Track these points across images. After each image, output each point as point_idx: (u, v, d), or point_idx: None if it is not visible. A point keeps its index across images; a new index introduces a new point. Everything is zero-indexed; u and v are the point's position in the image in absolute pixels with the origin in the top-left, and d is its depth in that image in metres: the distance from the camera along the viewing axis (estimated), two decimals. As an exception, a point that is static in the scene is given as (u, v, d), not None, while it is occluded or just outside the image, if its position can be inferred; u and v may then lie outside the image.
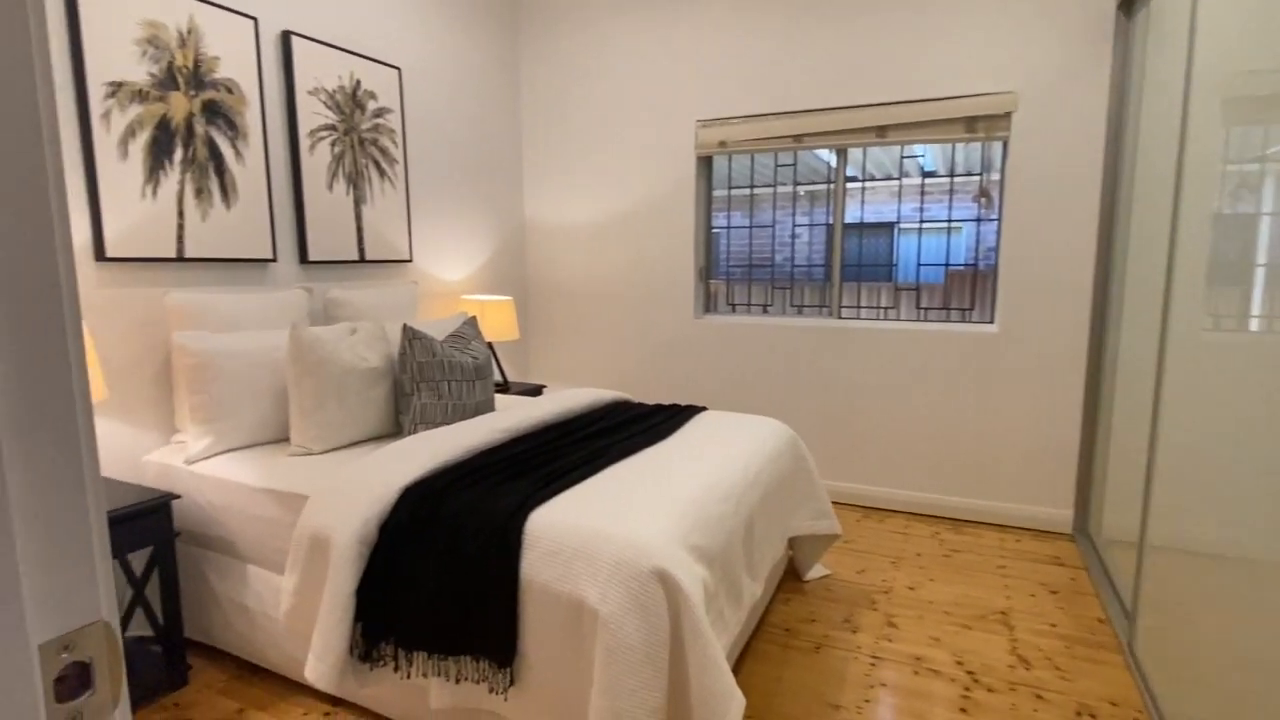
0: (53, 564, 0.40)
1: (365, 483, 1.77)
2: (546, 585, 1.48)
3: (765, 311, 3.85)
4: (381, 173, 3.13)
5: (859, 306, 3.64)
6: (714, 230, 3.94)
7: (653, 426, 2.39)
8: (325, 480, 1.95)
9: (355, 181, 3.00)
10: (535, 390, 3.68)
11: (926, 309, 3.51)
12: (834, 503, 3.59)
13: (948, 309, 3.49)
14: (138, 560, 2.13)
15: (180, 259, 2.36)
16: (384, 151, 3.14)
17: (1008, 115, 3.08)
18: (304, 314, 2.64)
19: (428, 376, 2.35)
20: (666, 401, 3.93)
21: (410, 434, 2.33)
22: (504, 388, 3.53)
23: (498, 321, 3.52)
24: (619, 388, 4.04)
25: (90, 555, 0.42)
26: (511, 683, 1.52)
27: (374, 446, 2.33)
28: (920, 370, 3.34)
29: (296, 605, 1.77)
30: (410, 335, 2.36)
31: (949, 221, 3.58)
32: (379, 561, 1.66)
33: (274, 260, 2.67)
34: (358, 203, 3.03)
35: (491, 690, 1.54)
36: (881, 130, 3.32)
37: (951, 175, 3.51)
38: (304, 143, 2.77)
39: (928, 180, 3.62)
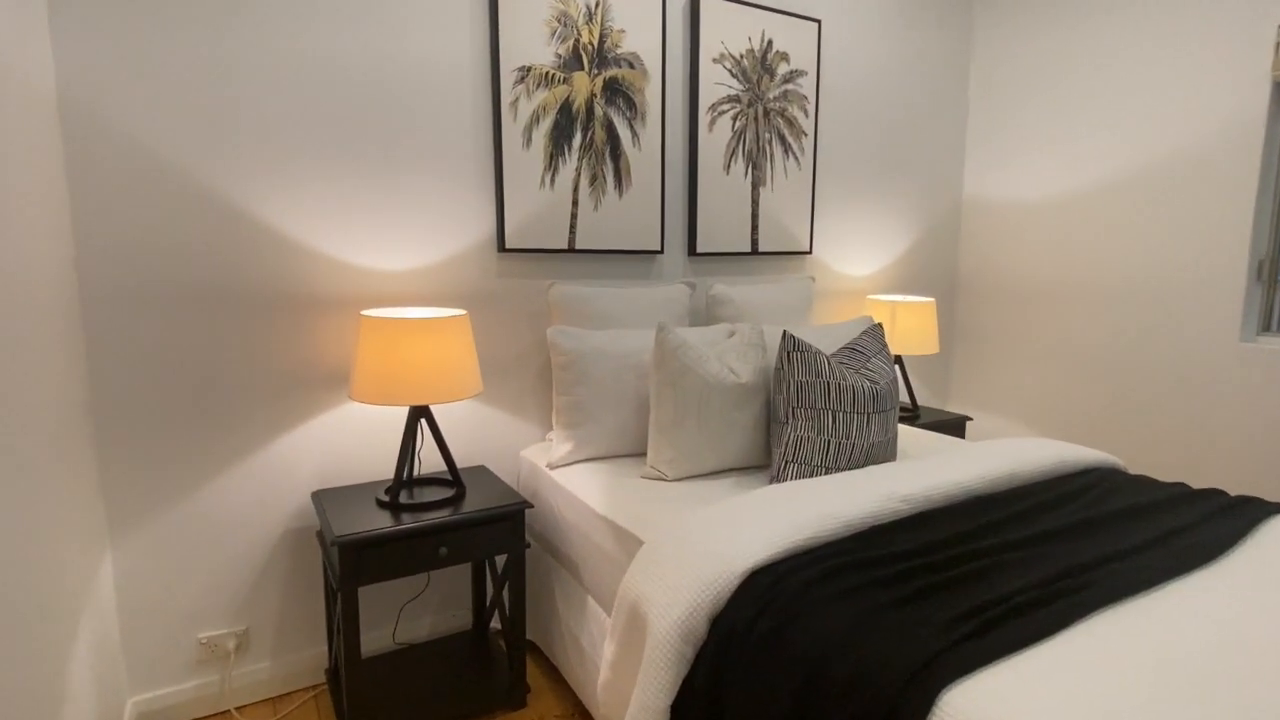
0: None
1: (699, 551, 1.30)
2: None
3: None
4: (786, 148, 2.66)
5: None
6: (1293, 203, 2.45)
7: (1181, 531, 1.40)
8: (664, 522, 1.56)
9: (755, 160, 2.60)
10: (958, 426, 2.81)
11: None
12: None
13: None
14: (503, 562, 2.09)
15: (571, 250, 2.26)
16: (791, 123, 2.66)
17: None
18: (684, 312, 2.34)
19: (807, 402, 1.80)
20: (1191, 480, 2.63)
21: (779, 474, 1.82)
22: (912, 416, 2.77)
23: (912, 330, 2.76)
24: (1087, 438, 2.87)
25: None
26: None
27: (736, 481, 1.88)
28: None
29: (612, 681, 1.41)
30: (790, 347, 1.83)
31: None
32: (702, 673, 1.18)
33: (660, 252, 2.43)
34: (755, 185, 2.62)
35: None
36: None
37: None
38: (703, 119, 2.46)
39: None
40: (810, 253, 2.81)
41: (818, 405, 1.80)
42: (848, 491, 1.52)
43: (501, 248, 2.15)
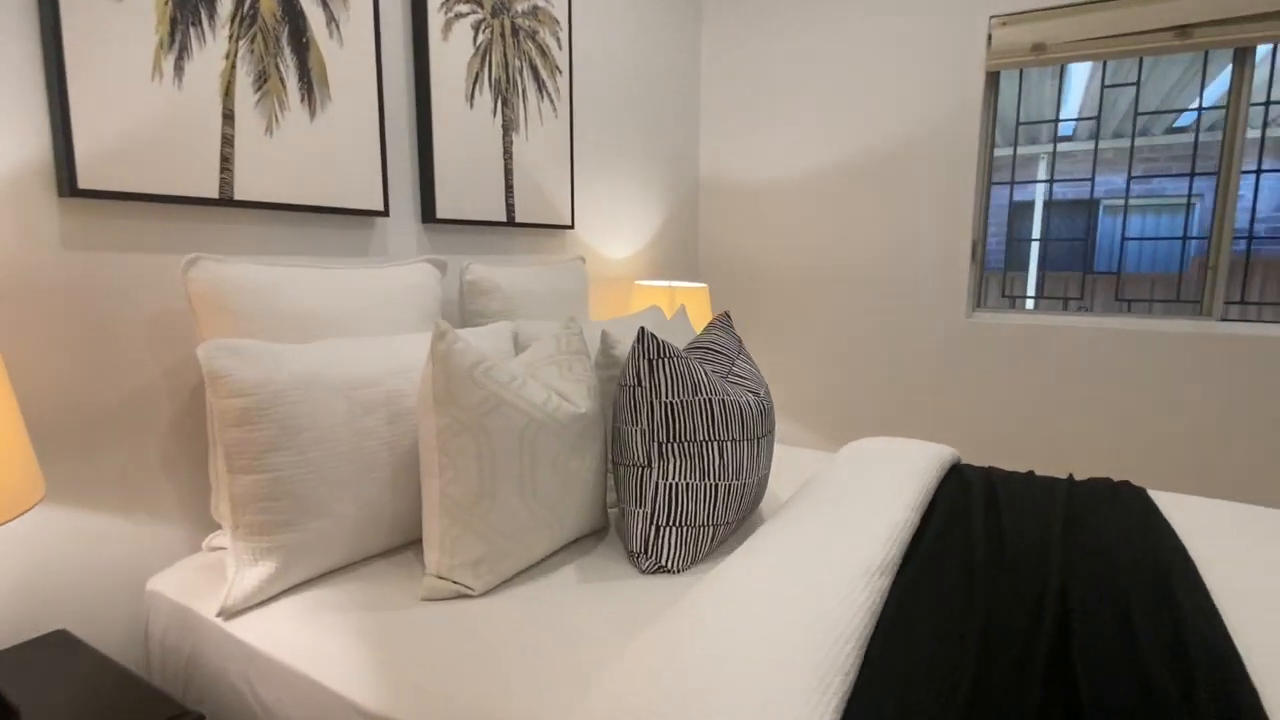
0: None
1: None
2: None
3: (1065, 307, 2.56)
4: (540, 86, 1.99)
5: (1240, 303, 2.31)
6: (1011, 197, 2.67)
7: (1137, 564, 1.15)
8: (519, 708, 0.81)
9: (505, 95, 1.87)
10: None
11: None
12: None
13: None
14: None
15: (226, 201, 1.26)
16: (544, 52, 2.00)
17: None
18: (434, 306, 1.52)
19: (683, 434, 1.19)
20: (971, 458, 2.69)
21: (649, 548, 1.18)
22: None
23: (696, 320, 2.35)
24: (849, 417, 2.81)
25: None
26: None
27: (579, 573, 1.18)
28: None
29: None
30: (653, 352, 1.20)
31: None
32: None
33: (385, 214, 1.56)
34: (507, 129, 1.90)
35: None
36: (1351, 10, 1.98)
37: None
38: (435, 17, 1.65)
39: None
40: (572, 227, 2.19)
41: (698, 436, 1.20)
42: (814, 575, 0.96)
43: (71, 189, 1.07)
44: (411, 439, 1.19)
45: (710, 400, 1.20)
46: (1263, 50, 2.18)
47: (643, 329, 1.20)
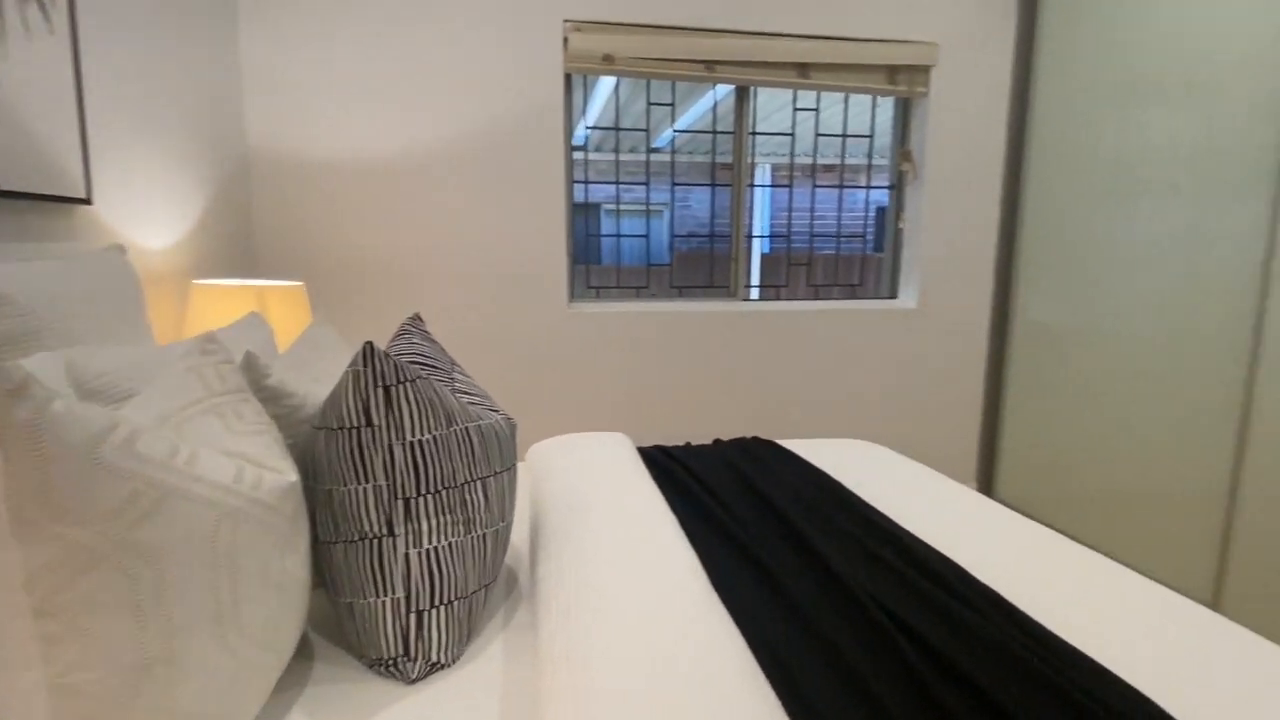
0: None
1: None
2: None
3: (637, 295, 2.93)
4: (14, -29, 1.24)
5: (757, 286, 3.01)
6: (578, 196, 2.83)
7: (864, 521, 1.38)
8: None
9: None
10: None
11: (820, 285, 3.09)
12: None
13: (833, 285, 3.13)
14: None
15: None
16: (16, -82, 1.25)
17: (927, 70, 2.81)
18: None
19: (441, 478, 0.89)
20: (539, 424, 2.71)
21: (404, 652, 0.86)
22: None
23: (293, 325, 1.84)
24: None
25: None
26: None
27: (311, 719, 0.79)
28: (841, 354, 2.89)
29: None
30: (391, 376, 0.85)
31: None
32: None
33: None
34: (-39, 30, 1.13)
35: None
36: (803, 69, 2.72)
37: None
38: None
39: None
40: (89, 202, 1.45)
41: (458, 478, 0.91)
42: (669, 594, 0.83)
43: None
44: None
45: (468, 429, 0.93)
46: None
47: (370, 345, 0.85)
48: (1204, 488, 2.11)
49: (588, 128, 3.01)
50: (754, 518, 1.28)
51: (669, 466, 1.52)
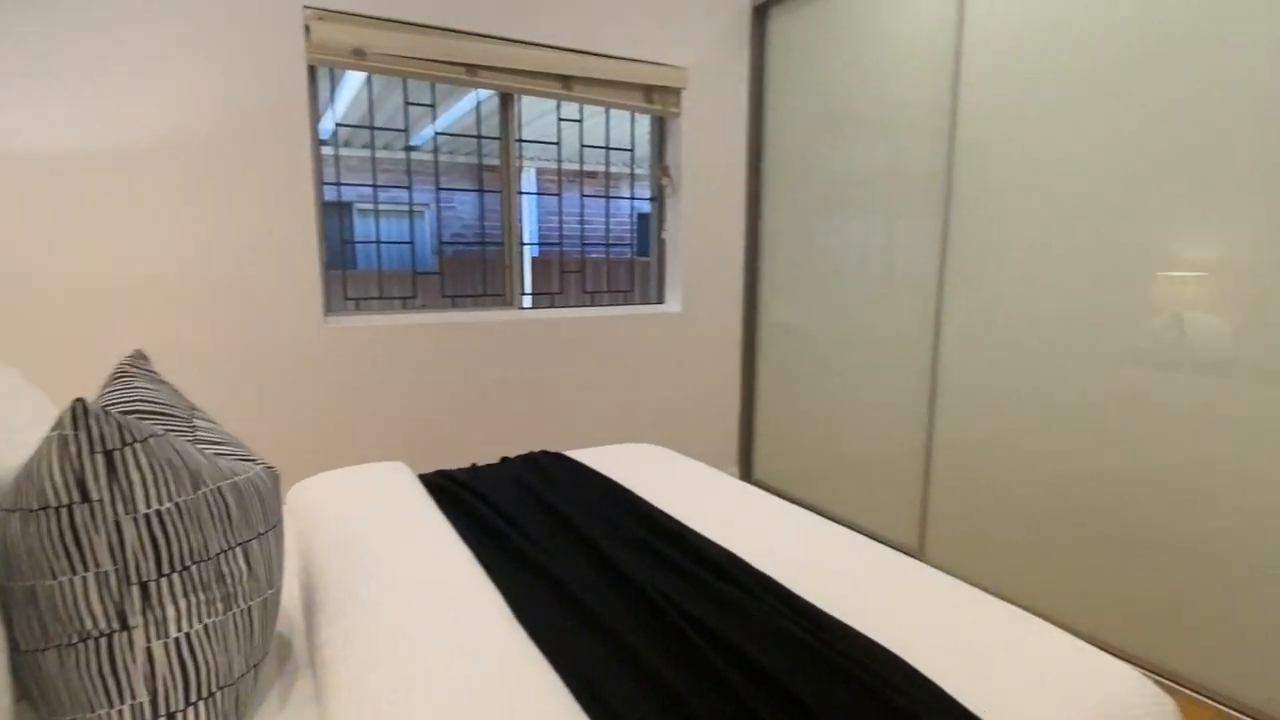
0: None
1: None
2: None
3: (405, 306, 2.79)
4: None
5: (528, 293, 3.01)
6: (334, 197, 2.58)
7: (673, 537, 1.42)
8: None
9: None
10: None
11: (594, 292, 3.20)
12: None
13: (604, 292, 3.26)
14: None
15: None
16: None
17: (679, 92, 3.03)
18: None
19: (187, 554, 0.76)
20: (293, 454, 2.43)
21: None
22: None
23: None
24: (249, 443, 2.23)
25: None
26: None
27: None
28: (617, 359, 3.02)
29: None
30: (115, 439, 0.70)
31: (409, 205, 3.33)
32: None
33: None
34: None
35: None
36: (566, 81, 2.78)
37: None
38: None
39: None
40: None
41: (211, 548, 0.78)
42: (483, 649, 0.79)
43: None
44: None
45: (220, 489, 0.80)
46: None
47: (80, 402, 0.69)
48: (907, 450, 2.57)
49: (337, 124, 2.76)
50: (550, 535, 1.28)
51: (456, 493, 1.46)
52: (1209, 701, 1.74)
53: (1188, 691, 1.79)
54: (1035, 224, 2.09)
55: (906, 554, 2.59)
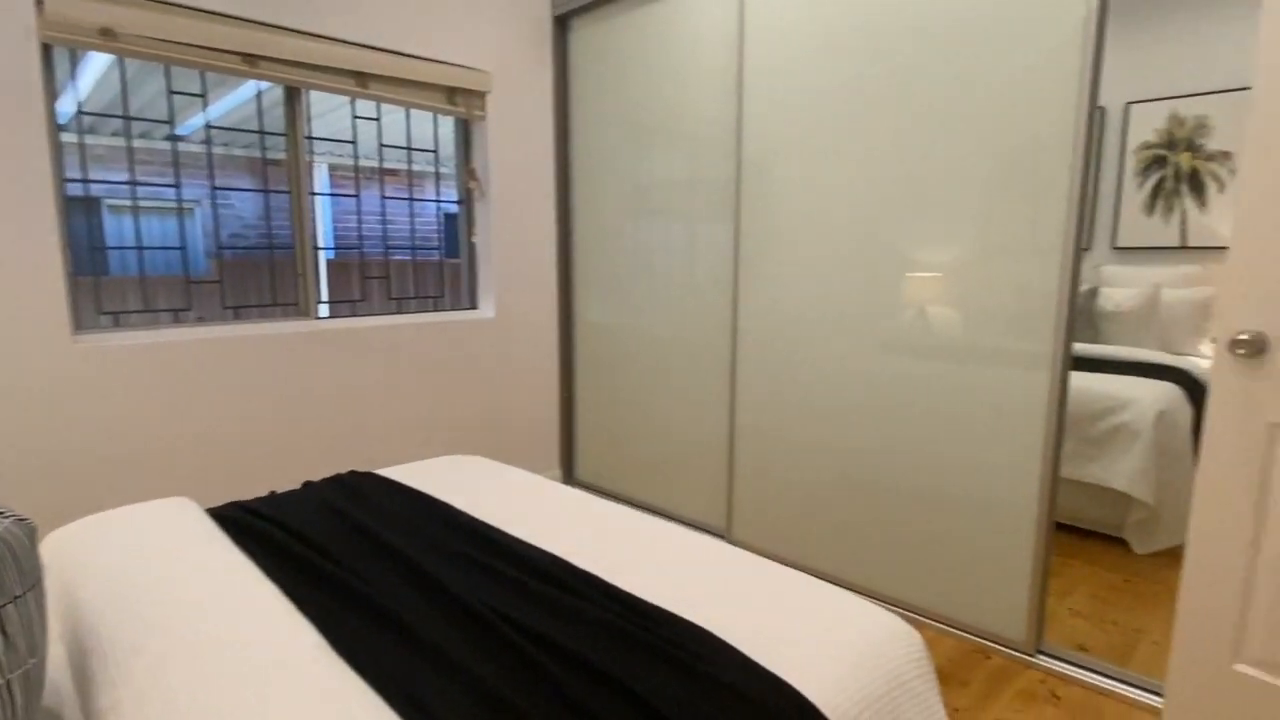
0: None
1: None
2: None
3: (177, 318, 2.49)
4: None
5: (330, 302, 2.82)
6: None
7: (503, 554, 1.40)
8: None
9: None
10: None
11: (400, 298, 3.08)
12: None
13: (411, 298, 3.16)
14: None
15: None
16: None
17: (483, 95, 3.01)
18: None
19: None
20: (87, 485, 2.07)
21: None
22: None
23: None
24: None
25: None
26: None
27: None
28: (429, 368, 2.94)
29: None
30: None
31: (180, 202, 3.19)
32: None
33: None
34: None
35: None
36: (361, 78, 2.64)
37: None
38: None
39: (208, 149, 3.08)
40: None
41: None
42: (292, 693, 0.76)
43: None
44: None
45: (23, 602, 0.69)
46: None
47: None
48: (714, 439, 2.79)
49: (80, 110, 2.37)
50: (364, 558, 1.23)
51: (251, 524, 1.35)
52: (955, 631, 2.11)
53: (934, 623, 2.15)
54: (811, 232, 2.37)
55: (715, 536, 2.81)
